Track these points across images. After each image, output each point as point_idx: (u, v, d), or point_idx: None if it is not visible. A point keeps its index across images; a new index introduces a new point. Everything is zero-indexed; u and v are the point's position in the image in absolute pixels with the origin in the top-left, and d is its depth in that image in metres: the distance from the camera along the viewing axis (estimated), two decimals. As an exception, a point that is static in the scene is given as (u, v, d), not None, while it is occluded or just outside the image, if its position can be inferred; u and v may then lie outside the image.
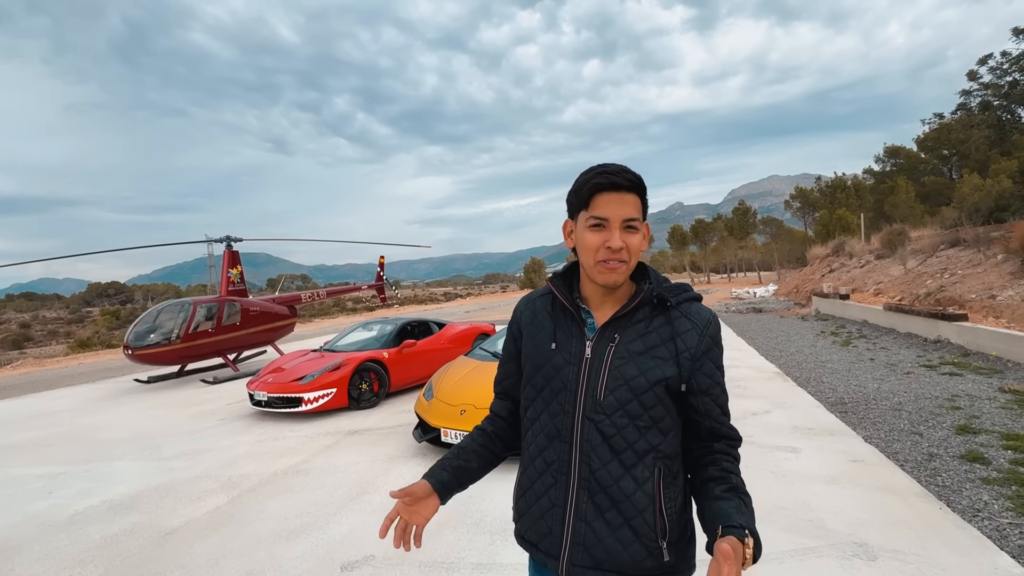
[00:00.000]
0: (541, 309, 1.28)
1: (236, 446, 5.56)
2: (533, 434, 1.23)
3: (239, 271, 11.92)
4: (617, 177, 1.10)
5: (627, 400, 1.12)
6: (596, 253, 1.11)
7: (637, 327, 1.16)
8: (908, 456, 4.07)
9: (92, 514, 3.98)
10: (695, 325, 1.16)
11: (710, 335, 1.17)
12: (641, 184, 1.13)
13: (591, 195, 1.12)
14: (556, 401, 1.18)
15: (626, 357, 1.14)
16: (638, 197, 1.13)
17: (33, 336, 51.51)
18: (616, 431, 1.12)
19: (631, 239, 1.12)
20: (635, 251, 1.13)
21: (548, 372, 1.20)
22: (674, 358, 1.14)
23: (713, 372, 1.17)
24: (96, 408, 8.33)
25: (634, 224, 1.12)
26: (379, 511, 3.65)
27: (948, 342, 8.56)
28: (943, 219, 20.38)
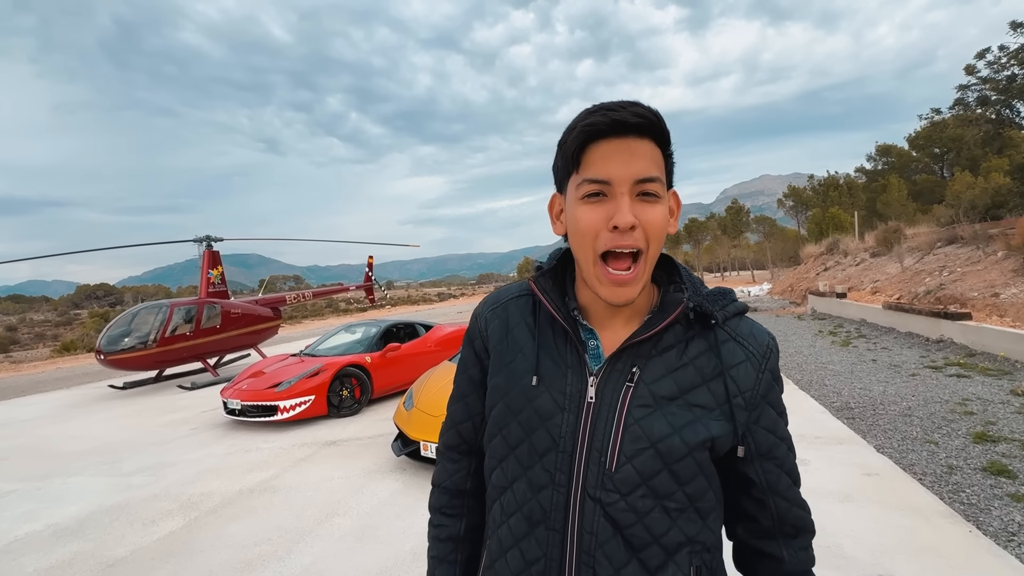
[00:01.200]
0: (517, 319, 0.85)
1: (203, 459, 5.17)
2: (503, 512, 0.81)
3: (220, 272, 11.50)
4: (622, 112, 0.68)
5: (653, 472, 0.72)
6: (596, 240, 0.71)
7: (667, 357, 0.76)
8: (926, 468, 3.77)
9: (32, 541, 3.60)
10: (751, 354, 0.77)
11: (771, 369, 0.79)
12: (660, 124, 0.70)
13: (583, 145, 0.70)
14: (540, 466, 0.77)
15: (652, 405, 0.74)
16: (656, 146, 0.71)
17: (20, 339, 50.56)
18: (636, 518, 0.73)
19: (649, 213, 0.70)
20: (656, 233, 0.71)
21: (529, 420, 0.78)
22: (724, 406, 0.75)
23: (777, 424, 0.79)
24: (64, 416, 7.91)
25: (653, 188, 0.70)
26: (347, 537, 3.29)
27: (951, 342, 8.31)
28: (936, 217, 20.27)
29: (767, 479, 0.78)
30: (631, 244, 0.70)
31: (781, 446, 0.80)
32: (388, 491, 3.98)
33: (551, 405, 0.77)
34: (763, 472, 0.78)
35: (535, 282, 0.83)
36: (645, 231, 0.70)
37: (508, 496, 0.80)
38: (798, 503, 0.81)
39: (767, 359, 0.78)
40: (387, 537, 3.25)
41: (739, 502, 0.81)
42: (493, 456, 0.83)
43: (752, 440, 0.77)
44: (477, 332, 0.89)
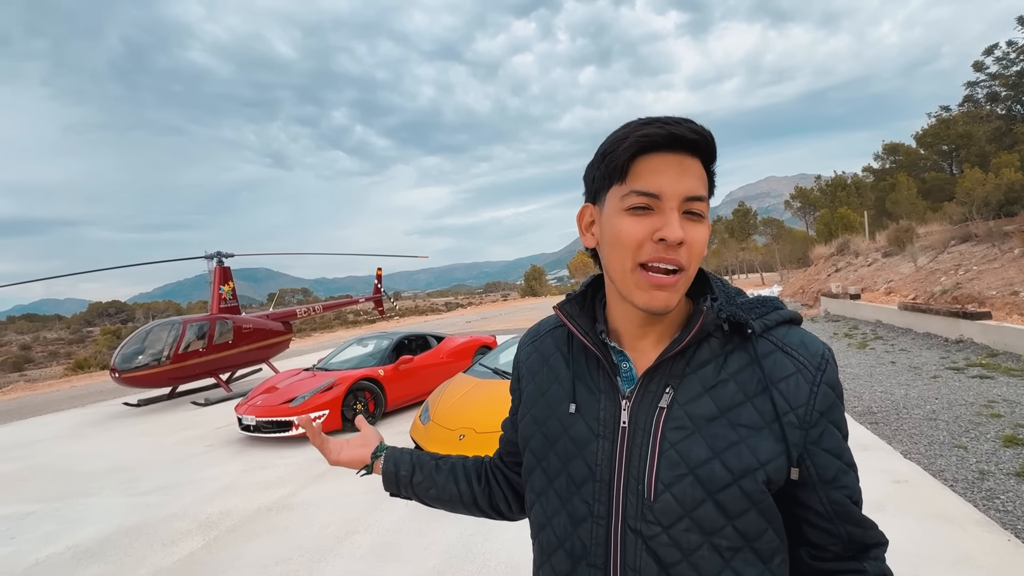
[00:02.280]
0: (553, 350, 0.84)
1: (220, 476, 5.16)
2: (542, 552, 0.78)
3: (231, 287, 11.57)
4: (679, 127, 0.66)
5: (696, 502, 0.67)
6: (638, 251, 0.67)
7: (703, 373, 0.71)
8: (956, 474, 3.67)
9: (53, 563, 3.59)
10: (802, 366, 0.70)
11: (828, 382, 0.70)
12: (712, 143, 0.69)
13: (633, 157, 0.67)
14: (578, 497, 0.73)
15: (688, 426, 0.69)
16: (703, 165, 0.70)
17: (34, 358, 51.20)
18: (681, 555, 0.67)
19: (695, 231, 0.67)
20: (698, 252, 0.69)
21: (565, 449, 0.76)
22: (772, 424, 0.68)
23: (842, 448, 0.71)
24: (80, 435, 7.94)
25: (699, 207, 0.68)
26: (368, 556, 3.25)
27: (972, 342, 8.16)
28: (947, 214, 20.04)
29: (834, 509, 0.70)
30: (675, 260, 0.67)
31: (849, 473, 0.71)
32: (408, 507, 3.94)
33: (586, 432, 0.74)
34: (829, 502, 0.70)
35: (560, 308, 0.81)
36: (689, 249, 0.67)
37: (547, 533, 0.77)
38: (868, 525, 0.73)
39: (822, 370, 0.70)
40: (409, 555, 3.20)
41: (800, 529, 0.73)
42: (532, 490, 0.81)
43: (812, 464, 0.69)
44: (516, 364, 0.91)
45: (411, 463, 1.00)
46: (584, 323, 0.78)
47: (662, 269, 0.67)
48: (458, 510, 1.01)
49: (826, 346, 0.73)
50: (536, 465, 0.80)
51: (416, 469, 1.00)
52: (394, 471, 1.00)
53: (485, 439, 3.81)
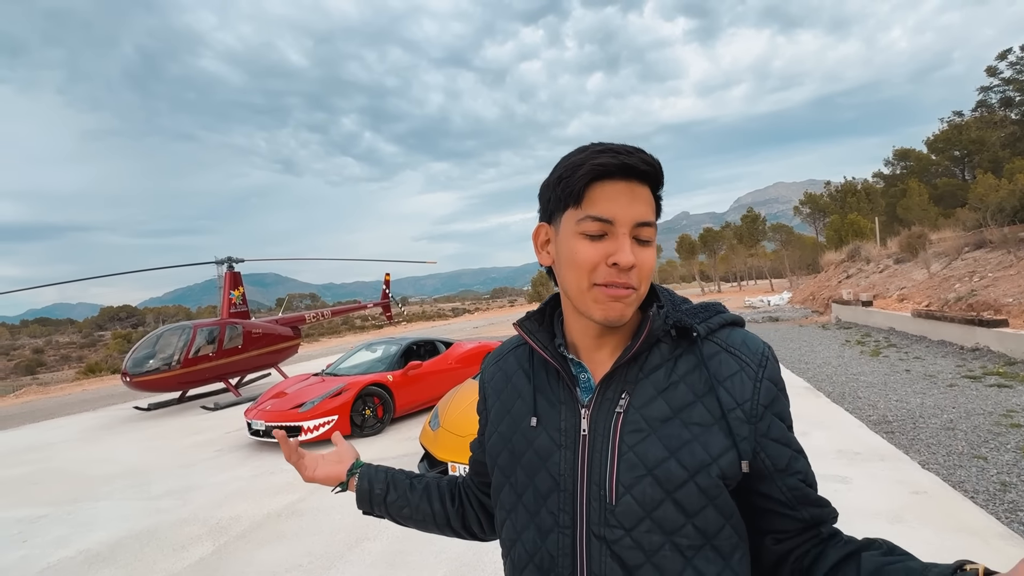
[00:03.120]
0: (515, 368, 0.87)
1: (230, 482, 5.17)
2: (513, 568, 0.79)
3: (241, 293, 11.65)
4: (631, 157, 0.70)
5: (656, 502, 0.69)
6: (593, 273, 0.71)
7: (655, 377, 0.74)
8: (977, 486, 3.59)
9: (65, 568, 3.60)
10: (745, 364, 0.73)
11: (769, 377, 0.74)
12: (660, 172, 0.74)
13: (588, 184, 0.71)
14: (546, 508, 0.75)
15: (644, 428, 0.71)
16: (652, 192, 0.74)
17: (46, 361, 51.85)
18: (644, 557, 0.68)
19: (644, 254, 0.72)
20: (648, 274, 0.73)
21: (531, 462, 0.78)
22: (721, 420, 0.71)
23: (786, 435, 0.74)
24: (91, 439, 8.00)
25: (648, 233, 0.73)
26: (378, 563, 3.23)
27: (988, 350, 8.03)
28: (960, 220, 19.81)
29: (793, 495, 0.73)
30: (626, 282, 0.71)
31: (800, 459, 0.75)
32: (417, 514, 3.92)
33: (549, 444, 0.77)
34: (787, 489, 0.73)
35: (520, 325, 0.85)
36: (639, 271, 0.72)
37: (518, 549, 0.78)
38: (823, 503, 0.76)
39: (763, 367, 0.74)
40: (419, 563, 3.18)
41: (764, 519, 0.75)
42: (503, 508, 0.82)
43: (765, 455, 0.72)
44: (481, 385, 0.93)
45: (385, 481, 1.00)
46: (543, 338, 0.81)
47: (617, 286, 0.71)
48: (431, 530, 1.01)
49: (766, 345, 0.77)
50: (505, 482, 0.82)
51: (390, 488, 0.99)
52: (368, 489, 0.98)
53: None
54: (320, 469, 1.02)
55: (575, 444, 0.75)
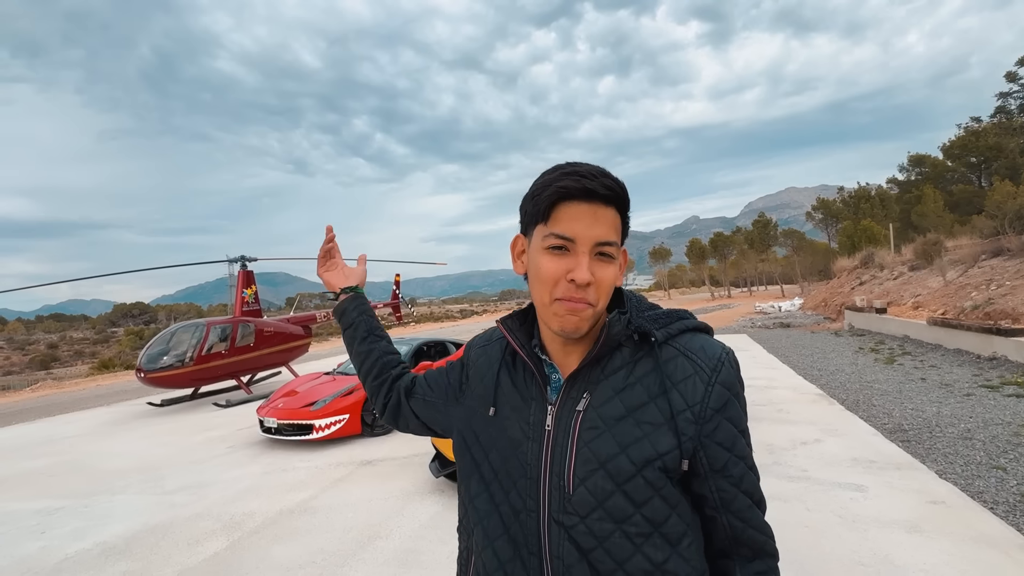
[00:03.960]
0: (497, 357, 0.94)
1: (242, 478, 5.21)
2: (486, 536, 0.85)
3: (253, 291, 11.75)
4: (592, 182, 0.75)
5: (607, 493, 0.75)
6: (554, 287, 0.77)
7: (614, 379, 0.80)
8: (996, 497, 3.54)
9: (82, 559, 3.65)
10: (699, 368, 0.79)
11: (722, 382, 0.78)
12: (624, 195, 0.79)
13: (553, 203, 0.77)
14: (516, 492, 0.82)
15: (600, 426, 0.78)
16: (617, 213, 0.79)
17: (60, 356, 52.57)
18: (596, 542, 0.76)
19: (603, 271, 0.77)
20: (606, 289, 0.79)
21: (503, 450, 0.85)
22: (671, 420, 0.76)
23: (732, 439, 0.78)
24: (106, 434, 8.11)
25: (609, 251, 0.78)
26: (391, 561, 3.25)
27: (1006, 359, 7.90)
28: (976, 228, 19.49)
29: (720, 496, 0.78)
30: (583, 297, 0.76)
31: (739, 464, 0.79)
32: (428, 513, 3.93)
33: (519, 435, 0.84)
34: (716, 489, 0.78)
35: (502, 322, 0.91)
36: (597, 287, 0.77)
37: (494, 520, 0.84)
38: (755, 524, 0.80)
39: (717, 372, 0.78)
40: (431, 562, 3.19)
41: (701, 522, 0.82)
42: (481, 480, 0.88)
43: (704, 455, 0.77)
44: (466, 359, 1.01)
45: (353, 321, 1.16)
46: (522, 337, 0.88)
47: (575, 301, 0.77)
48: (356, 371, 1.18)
49: (726, 351, 0.82)
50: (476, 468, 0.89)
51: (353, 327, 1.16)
52: (341, 312, 1.18)
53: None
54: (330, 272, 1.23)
55: (541, 437, 0.82)
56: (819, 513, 3.45)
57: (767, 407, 6.46)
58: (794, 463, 4.40)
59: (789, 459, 4.49)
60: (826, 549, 3.00)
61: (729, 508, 0.78)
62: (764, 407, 6.47)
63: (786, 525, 3.31)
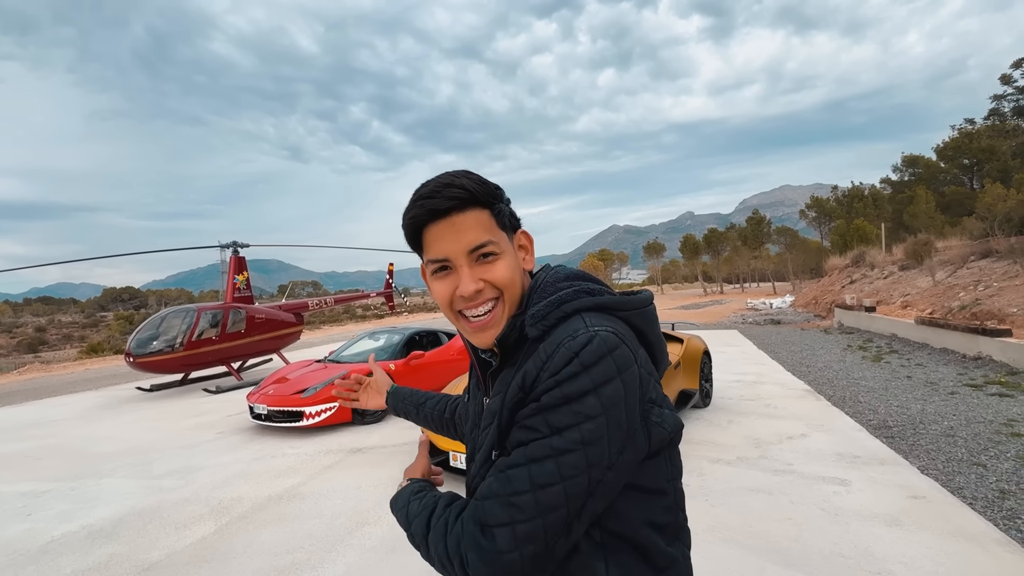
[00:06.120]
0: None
1: (232, 464, 5.21)
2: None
3: (245, 277, 11.67)
4: (434, 200, 0.76)
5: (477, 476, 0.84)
6: (451, 306, 0.81)
7: (507, 375, 0.81)
8: (976, 492, 3.61)
9: (68, 542, 3.64)
10: (540, 357, 0.72)
11: (551, 371, 0.70)
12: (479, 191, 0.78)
13: (418, 232, 0.80)
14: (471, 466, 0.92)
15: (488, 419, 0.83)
16: (482, 208, 0.79)
17: (48, 340, 51.98)
18: None
19: (492, 271, 0.78)
20: (504, 282, 0.79)
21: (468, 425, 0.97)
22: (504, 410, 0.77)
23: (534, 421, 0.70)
24: (94, 417, 8.06)
25: (488, 250, 0.78)
26: (379, 548, 3.26)
27: (990, 359, 8.02)
28: (967, 229, 19.70)
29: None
30: (479, 303, 0.79)
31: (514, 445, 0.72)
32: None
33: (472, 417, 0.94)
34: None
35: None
36: (494, 285, 0.78)
37: None
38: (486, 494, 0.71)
39: (551, 358, 0.70)
40: (419, 549, 3.21)
41: None
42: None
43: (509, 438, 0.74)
44: None
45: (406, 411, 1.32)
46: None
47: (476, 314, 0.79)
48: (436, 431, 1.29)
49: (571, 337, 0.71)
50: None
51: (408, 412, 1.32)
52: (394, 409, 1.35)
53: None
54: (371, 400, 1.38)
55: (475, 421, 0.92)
56: (803, 506, 3.50)
57: (755, 402, 6.52)
58: (780, 457, 4.45)
59: (775, 453, 4.55)
60: (808, 541, 3.05)
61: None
62: (752, 402, 6.53)
63: (770, 517, 3.36)
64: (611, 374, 0.69)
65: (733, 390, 7.27)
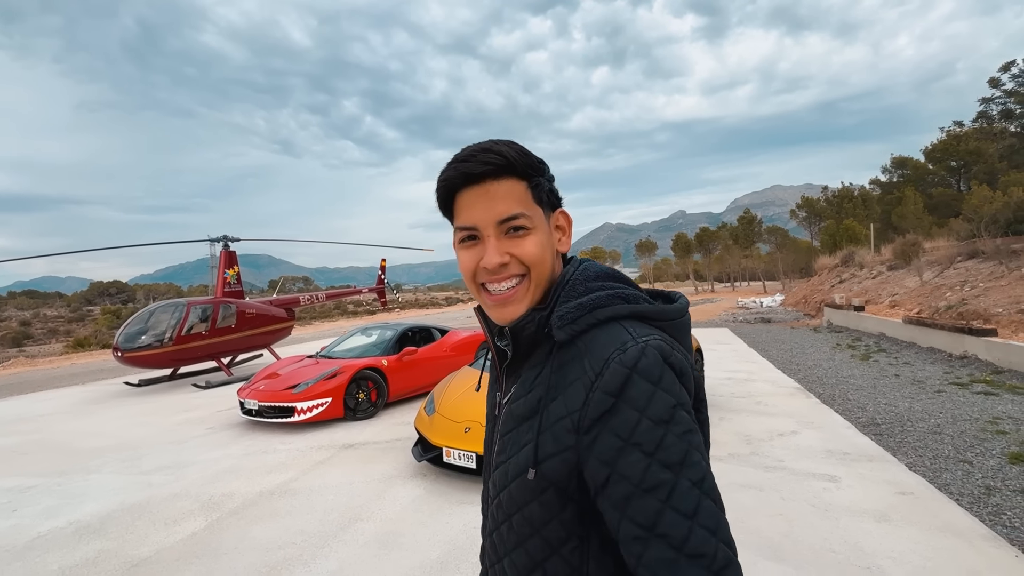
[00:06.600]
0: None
1: (222, 459, 5.16)
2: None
3: (236, 272, 11.56)
4: (469, 163, 0.73)
5: (500, 488, 0.78)
6: (473, 278, 0.78)
7: (526, 376, 0.78)
8: (962, 489, 3.66)
9: (55, 538, 3.59)
10: (585, 371, 0.69)
11: (604, 387, 0.66)
12: (518, 160, 0.74)
13: (447, 199, 0.78)
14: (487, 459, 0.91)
15: (510, 423, 0.78)
16: (519, 179, 0.75)
17: (33, 334, 51.16)
18: (496, 525, 0.80)
19: (520, 246, 0.74)
20: (532, 260, 0.75)
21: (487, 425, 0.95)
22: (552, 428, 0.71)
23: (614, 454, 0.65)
24: (81, 412, 7.95)
25: (519, 223, 0.74)
26: (371, 543, 3.25)
27: (976, 358, 8.14)
28: (954, 230, 19.96)
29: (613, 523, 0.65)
30: (503, 278, 0.75)
31: (622, 484, 0.64)
32: (410, 497, 3.94)
33: (488, 414, 0.93)
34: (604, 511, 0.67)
35: (477, 310, 0.89)
36: (521, 261, 0.75)
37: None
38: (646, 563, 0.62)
39: (600, 376, 0.67)
40: (413, 544, 3.20)
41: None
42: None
43: (587, 470, 0.68)
44: None
45: None
46: (492, 325, 0.84)
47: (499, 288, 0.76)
48: None
49: (621, 350, 0.68)
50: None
51: None
52: None
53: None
54: None
55: (493, 419, 0.89)
56: (793, 502, 3.54)
57: (746, 399, 6.58)
58: (771, 453, 4.49)
59: (766, 450, 4.59)
60: (799, 536, 3.08)
61: (618, 534, 0.65)
62: (743, 399, 6.59)
63: (761, 513, 3.39)
64: (675, 383, 0.68)
65: (724, 387, 7.32)
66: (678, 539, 0.61)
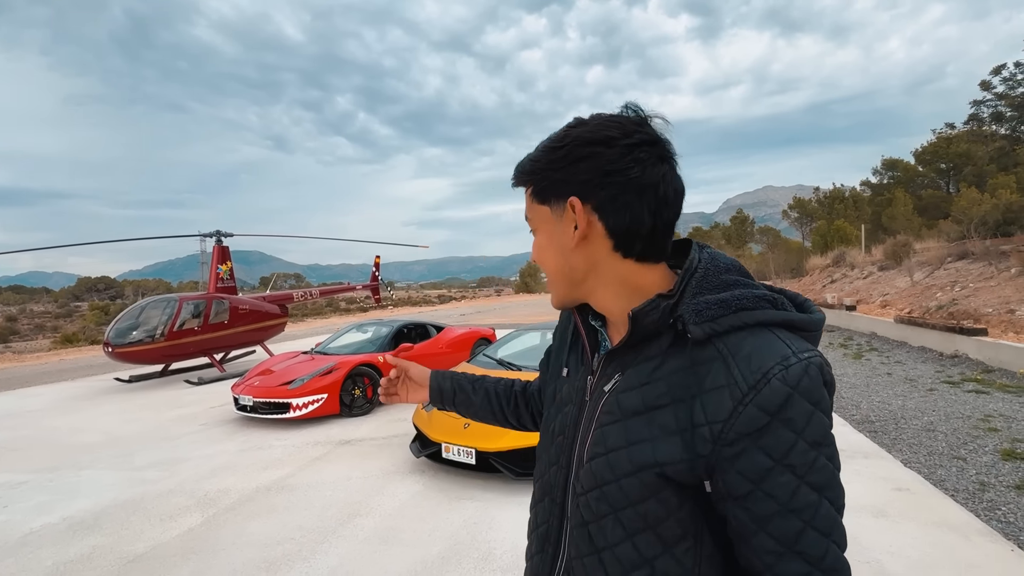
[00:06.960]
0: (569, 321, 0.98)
1: (216, 455, 5.12)
2: (537, 472, 0.93)
3: (229, 267, 11.45)
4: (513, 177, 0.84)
5: (605, 480, 0.72)
6: None
7: (641, 368, 0.73)
8: (957, 485, 3.71)
9: (48, 534, 3.54)
10: (733, 381, 0.64)
11: (760, 404, 0.63)
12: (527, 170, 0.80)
13: None
14: (555, 446, 0.86)
15: (616, 414, 0.73)
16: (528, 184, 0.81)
17: (19, 330, 50.46)
18: (593, 517, 0.75)
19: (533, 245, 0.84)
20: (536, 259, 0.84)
21: (558, 406, 0.90)
22: (685, 432, 0.67)
23: (762, 473, 0.63)
24: (71, 408, 7.85)
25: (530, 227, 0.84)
26: (372, 538, 3.23)
27: (967, 357, 8.24)
28: (943, 232, 20.20)
29: (740, 527, 0.66)
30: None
31: (767, 502, 0.63)
32: (409, 493, 3.92)
33: (569, 395, 0.86)
34: (735, 519, 0.66)
35: None
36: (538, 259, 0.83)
37: (540, 465, 0.90)
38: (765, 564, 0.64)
39: (756, 390, 0.63)
40: (413, 540, 3.19)
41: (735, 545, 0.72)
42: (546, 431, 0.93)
43: (721, 480, 0.66)
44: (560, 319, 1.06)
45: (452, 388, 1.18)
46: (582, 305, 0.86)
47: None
48: (489, 421, 1.21)
49: (785, 364, 0.63)
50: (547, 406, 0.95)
51: (457, 391, 1.18)
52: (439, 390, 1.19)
53: (490, 427, 3.80)
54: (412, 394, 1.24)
55: (580, 404, 0.83)
56: (791, 498, 3.57)
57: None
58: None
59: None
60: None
61: (748, 543, 0.66)
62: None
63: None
64: (830, 404, 0.66)
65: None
66: (815, 557, 0.63)
